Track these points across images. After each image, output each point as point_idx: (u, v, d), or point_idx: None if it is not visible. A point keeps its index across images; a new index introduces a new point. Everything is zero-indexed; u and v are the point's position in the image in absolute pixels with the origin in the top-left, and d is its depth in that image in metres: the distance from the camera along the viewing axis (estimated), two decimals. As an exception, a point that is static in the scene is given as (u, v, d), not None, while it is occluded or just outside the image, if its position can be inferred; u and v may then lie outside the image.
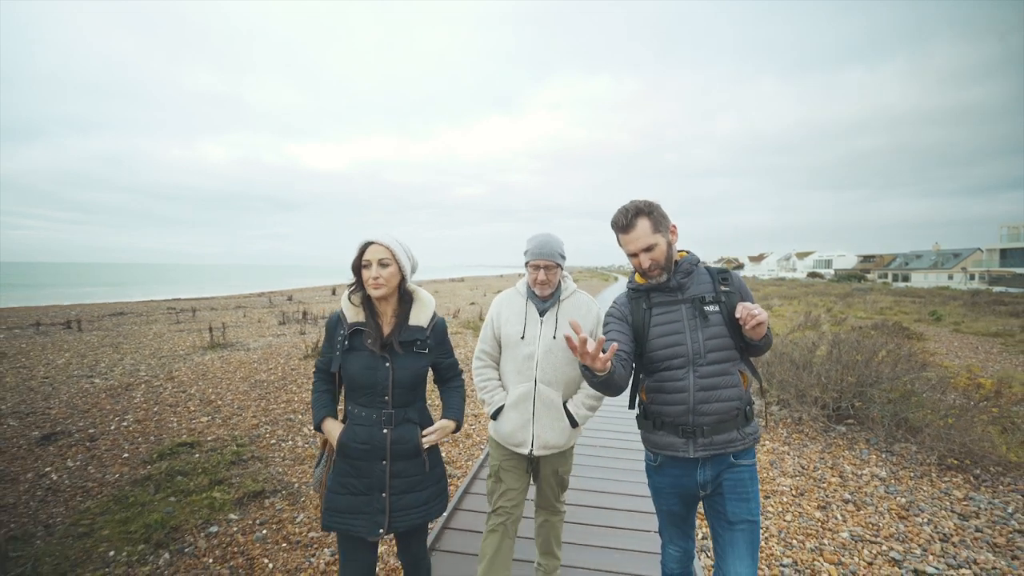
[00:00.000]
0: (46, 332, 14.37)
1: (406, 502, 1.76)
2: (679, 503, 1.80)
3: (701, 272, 1.78)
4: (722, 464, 1.70)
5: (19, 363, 9.48)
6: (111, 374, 8.41)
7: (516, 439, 2.16)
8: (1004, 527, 3.35)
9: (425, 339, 1.80)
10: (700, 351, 1.67)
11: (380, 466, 1.73)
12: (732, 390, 1.67)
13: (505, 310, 2.26)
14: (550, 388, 2.14)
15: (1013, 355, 11.05)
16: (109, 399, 6.47)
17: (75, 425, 5.25)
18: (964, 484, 4.04)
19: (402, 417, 1.77)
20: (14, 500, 3.50)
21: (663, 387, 1.72)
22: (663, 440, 1.74)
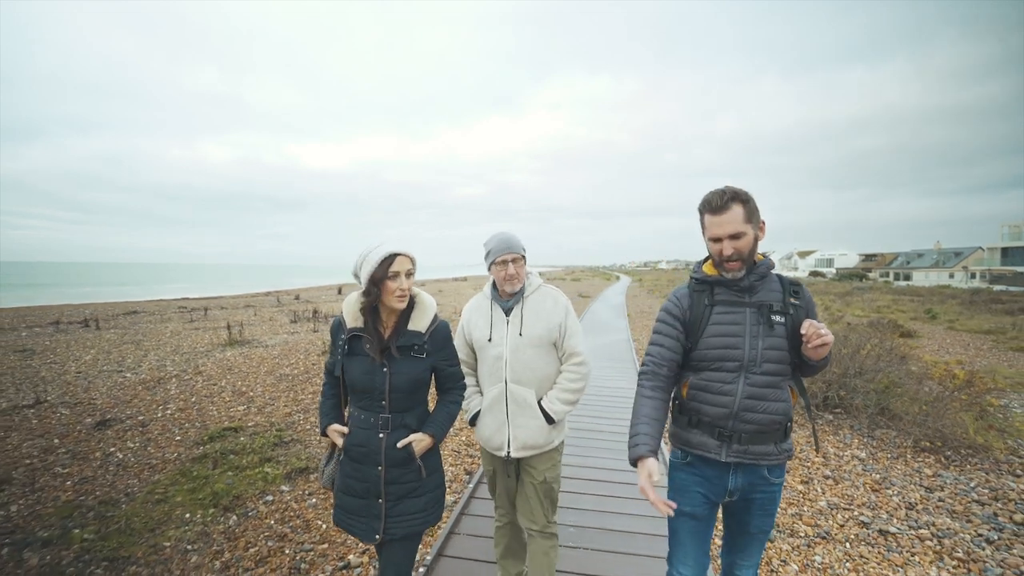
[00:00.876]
0: (65, 330, 14.85)
1: (401, 509, 1.76)
2: (703, 504, 1.73)
3: (773, 279, 1.70)
4: (754, 476, 1.67)
5: (49, 359, 9.95)
6: (140, 369, 8.87)
7: (495, 442, 2.15)
8: (964, 497, 3.79)
9: (423, 344, 1.77)
10: (756, 359, 1.62)
11: (376, 471, 1.73)
12: (779, 404, 1.62)
13: (473, 315, 2.26)
14: (521, 387, 2.11)
15: (1002, 351, 11.46)
16: (146, 391, 6.94)
17: (123, 413, 5.73)
18: (935, 464, 4.48)
19: (399, 422, 1.76)
20: (92, 474, 3.97)
21: (709, 387, 1.66)
22: (696, 439, 1.70)
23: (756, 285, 1.66)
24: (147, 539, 3.01)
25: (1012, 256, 58.46)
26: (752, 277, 1.65)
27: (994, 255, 61.29)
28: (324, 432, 1.84)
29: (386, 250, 1.67)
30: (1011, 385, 7.76)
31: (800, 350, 1.62)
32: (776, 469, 1.67)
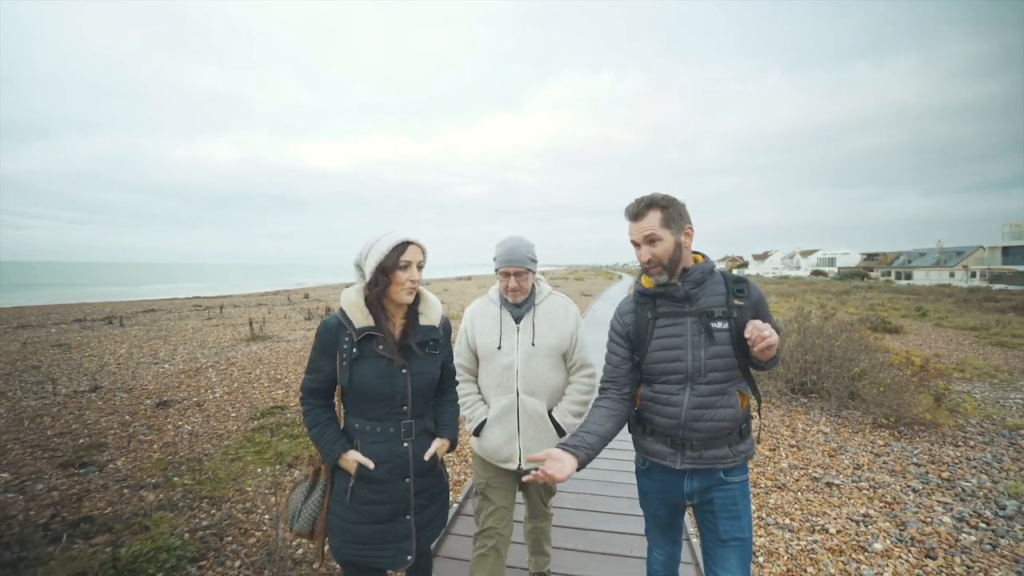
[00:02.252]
0: (91, 327, 15.66)
1: (425, 519, 1.66)
2: (665, 509, 1.77)
3: (716, 281, 1.65)
4: (711, 479, 1.65)
5: (86, 352, 10.72)
6: (175, 361, 9.63)
7: (502, 455, 2.08)
8: (904, 461, 4.50)
9: (438, 339, 1.69)
10: (700, 369, 1.59)
11: (404, 484, 1.59)
12: (727, 411, 1.60)
13: (479, 320, 2.16)
14: (533, 398, 2.05)
15: (982, 346, 12.09)
16: (189, 378, 7.69)
17: (176, 396, 6.47)
18: (889, 437, 5.17)
19: (421, 428, 1.64)
20: (171, 440, 4.72)
21: (657, 398, 1.66)
22: (652, 447, 1.70)
23: (694, 293, 1.62)
24: (232, 485, 3.75)
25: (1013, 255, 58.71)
26: (687, 285, 1.62)
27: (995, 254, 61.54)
28: (336, 463, 1.58)
29: (399, 237, 1.54)
30: (978, 375, 8.43)
31: (746, 351, 1.58)
32: (734, 470, 1.66)
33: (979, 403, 6.53)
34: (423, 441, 1.64)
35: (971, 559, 2.96)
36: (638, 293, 1.73)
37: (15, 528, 2.99)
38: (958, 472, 4.27)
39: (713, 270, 1.66)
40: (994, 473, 4.24)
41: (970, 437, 5.18)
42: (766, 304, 1.64)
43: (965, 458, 4.59)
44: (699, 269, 1.63)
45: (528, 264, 2.04)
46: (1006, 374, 8.51)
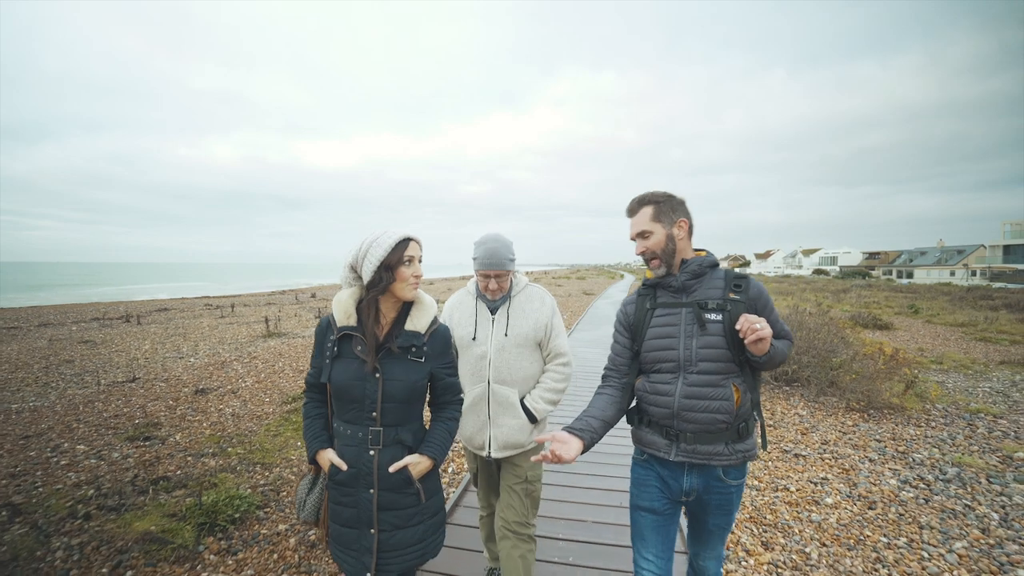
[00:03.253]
0: (109, 325, 16.34)
1: (397, 540, 1.57)
2: (661, 499, 1.71)
3: (717, 276, 1.68)
4: (709, 477, 1.65)
5: (113, 348, 11.35)
6: (198, 355, 10.24)
7: (476, 442, 2.13)
8: (868, 438, 5.06)
9: (421, 346, 1.60)
10: (691, 359, 1.61)
11: (367, 495, 1.55)
12: (720, 403, 1.58)
13: (456, 312, 2.20)
14: (505, 387, 2.09)
15: (967, 341, 12.60)
16: (217, 370, 8.30)
17: (211, 385, 7.08)
18: (858, 419, 5.73)
19: (392, 438, 1.57)
20: (216, 420, 5.32)
21: (653, 388, 1.69)
22: (648, 438, 1.72)
23: (691, 284, 1.66)
24: (278, 454, 4.35)
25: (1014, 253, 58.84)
26: (684, 276, 1.66)
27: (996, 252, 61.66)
28: (313, 459, 1.63)
29: (401, 233, 1.56)
30: (955, 367, 8.97)
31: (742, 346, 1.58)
32: (732, 470, 1.65)
33: (949, 391, 7.08)
34: (393, 452, 1.56)
35: (905, 509, 3.53)
36: (642, 284, 1.80)
37: (109, 483, 3.59)
38: (913, 447, 4.82)
39: (715, 265, 1.70)
40: (945, 448, 4.80)
41: (933, 419, 5.73)
42: (770, 303, 1.64)
43: (924, 436, 5.15)
44: (697, 262, 1.68)
45: (507, 265, 2.08)
46: (982, 366, 9.04)
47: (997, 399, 6.69)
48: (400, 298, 1.61)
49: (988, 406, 6.23)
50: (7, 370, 8.74)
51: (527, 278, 2.25)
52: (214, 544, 2.92)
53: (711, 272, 1.68)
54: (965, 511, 3.51)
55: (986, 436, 5.14)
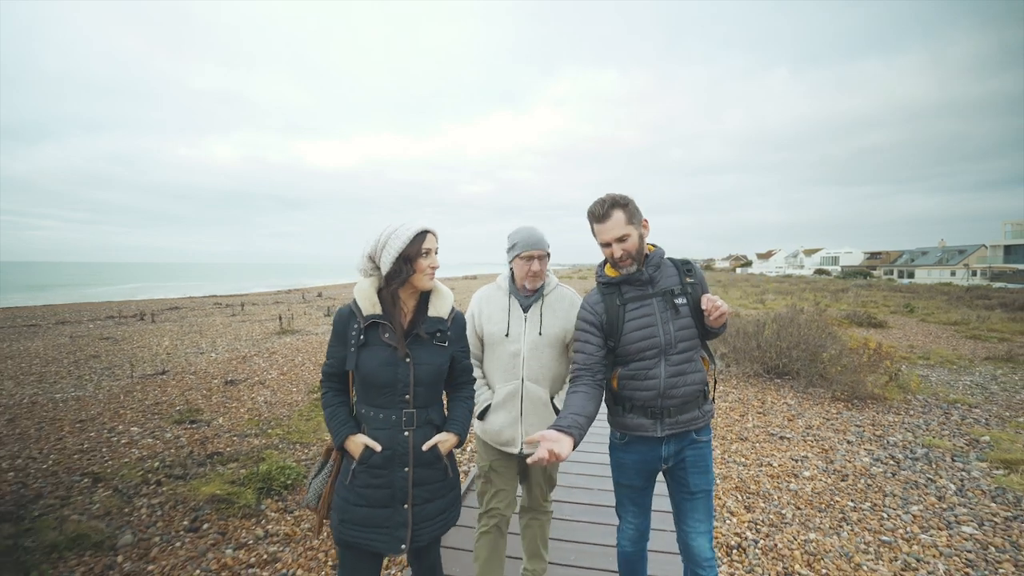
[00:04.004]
0: (125, 323, 16.85)
1: (427, 512, 1.68)
2: (640, 478, 1.91)
3: (667, 265, 1.86)
4: (684, 440, 1.84)
5: (134, 344, 11.83)
6: (218, 350, 10.71)
7: (504, 438, 2.16)
8: (850, 424, 5.51)
9: (446, 331, 1.72)
10: (672, 341, 1.77)
11: (402, 473, 1.63)
12: (697, 374, 1.80)
13: (487, 307, 2.22)
14: (537, 385, 2.13)
15: (957, 338, 13.02)
16: (240, 364, 8.79)
17: (238, 377, 7.56)
18: (843, 408, 6.19)
19: (424, 418, 1.67)
20: (251, 407, 5.80)
21: (636, 375, 1.81)
22: (633, 422, 1.84)
23: (655, 276, 1.83)
24: (314, 435, 4.83)
25: (1015, 253, 58.94)
26: (649, 269, 1.82)
27: (997, 252, 61.76)
28: (342, 446, 1.67)
29: (419, 225, 1.63)
30: (941, 362, 9.41)
31: (702, 321, 1.80)
32: (703, 430, 1.86)
33: (931, 384, 7.52)
34: (425, 432, 1.67)
35: (873, 481, 3.99)
36: (603, 284, 1.90)
37: (170, 457, 4.08)
38: (890, 431, 5.28)
39: (664, 256, 1.89)
40: (919, 432, 5.26)
41: (912, 408, 6.18)
42: (706, 281, 1.91)
43: (901, 423, 5.60)
44: (658, 255, 1.86)
45: (547, 248, 2.14)
46: (967, 362, 9.48)
47: (976, 391, 7.13)
48: (418, 288, 1.69)
49: (965, 397, 6.68)
50: (40, 364, 9.23)
51: (556, 279, 2.27)
52: (273, 504, 3.40)
53: (663, 263, 1.87)
54: (927, 483, 3.97)
55: (959, 423, 5.59)
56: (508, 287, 2.21)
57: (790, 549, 3.02)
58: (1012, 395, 6.91)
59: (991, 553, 2.97)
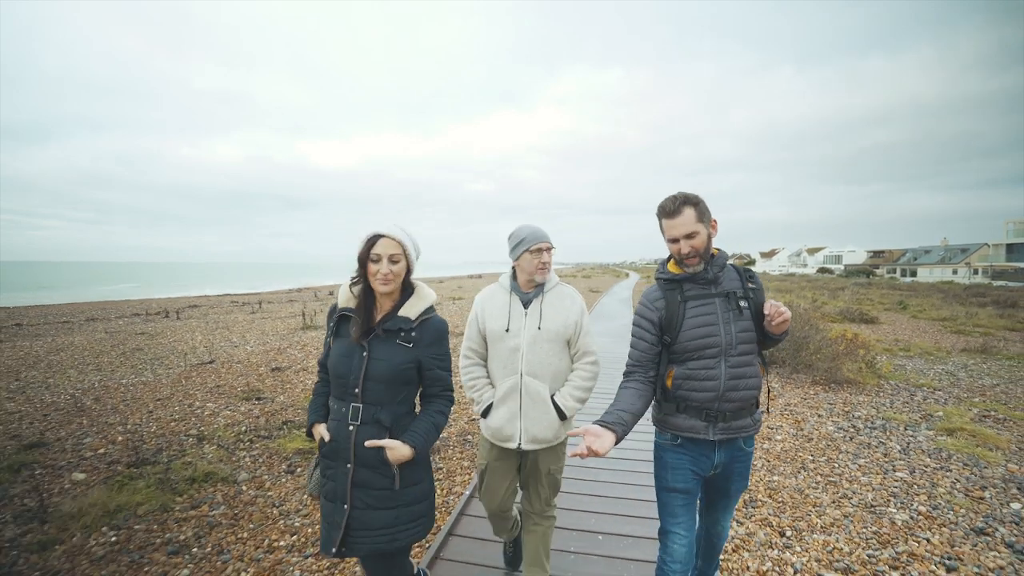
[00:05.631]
0: (152, 320, 17.79)
1: (367, 520, 1.61)
2: (693, 479, 1.86)
3: (730, 270, 1.87)
4: (733, 448, 1.84)
5: (169, 338, 12.72)
6: (249, 344, 11.57)
7: (504, 433, 2.17)
8: (824, 403, 6.33)
9: (409, 330, 1.68)
10: (732, 342, 1.76)
11: (344, 469, 1.63)
12: (755, 379, 1.79)
13: (489, 305, 2.25)
14: (536, 380, 2.14)
15: (943, 333, 13.78)
16: (277, 355, 9.66)
17: (281, 365, 8.43)
18: (820, 390, 7.00)
19: (371, 415, 1.63)
20: (302, 391, 6.67)
21: (695, 375, 1.79)
22: (685, 423, 1.82)
23: (719, 276, 1.82)
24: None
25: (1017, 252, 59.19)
26: (714, 269, 1.82)
27: (999, 251, 62.01)
28: (310, 432, 1.75)
29: (371, 231, 1.64)
30: (920, 353, 10.20)
31: (763, 327, 1.80)
32: (749, 439, 1.85)
33: (906, 371, 8.33)
34: (370, 430, 1.63)
35: (832, 442, 4.82)
36: (665, 280, 1.89)
37: (252, 423, 4.95)
38: (857, 408, 6.10)
39: (728, 261, 1.90)
40: (883, 409, 6.07)
41: (882, 391, 6.99)
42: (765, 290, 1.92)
43: (869, 402, 6.41)
44: (723, 257, 1.87)
45: (551, 241, 2.19)
46: (944, 353, 10.27)
47: (944, 377, 7.94)
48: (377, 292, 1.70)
49: (932, 382, 7.49)
50: (91, 355, 10.14)
51: (557, 277, 2.31)
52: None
53: (726, 266, 1.88)
54: (878, 445, 4.79)
55: (920, 403, 6.40)
56: (510, 285, 2.26)
57: (756, 486, 3.86)
58: (976, 380, 7.71)
59: (913, 489, 3.80)
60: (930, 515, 3.39)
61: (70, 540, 2.90)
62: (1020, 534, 3.15)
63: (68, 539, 2.90)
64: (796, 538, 3.11)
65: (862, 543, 3.05)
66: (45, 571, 2.63)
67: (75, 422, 5.26)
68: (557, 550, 2.75)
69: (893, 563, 2.83)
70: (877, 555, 2.91)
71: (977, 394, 6.84)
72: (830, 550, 2.97)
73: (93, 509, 3.09)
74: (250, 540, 2.98)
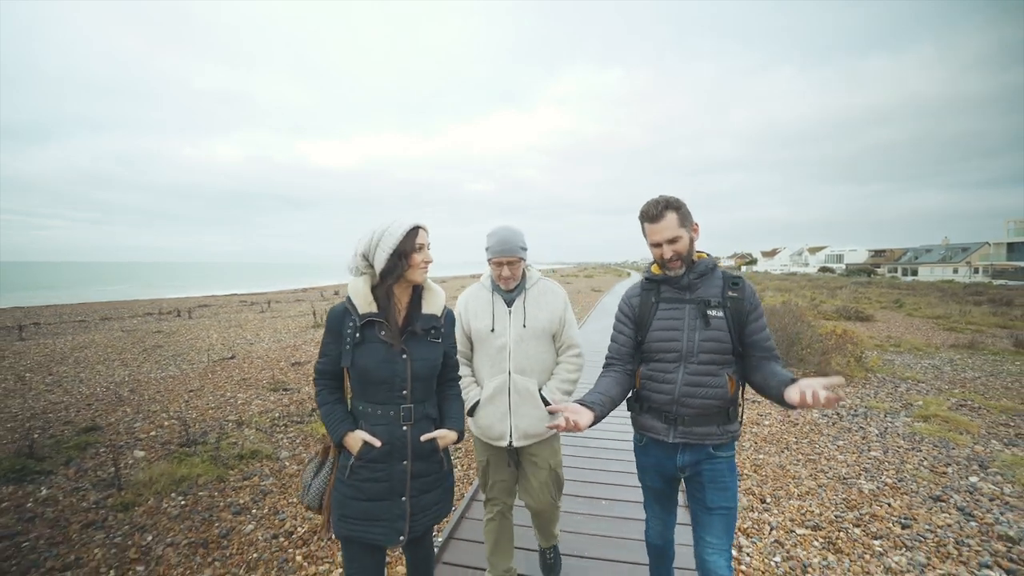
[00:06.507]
0: (164, 319, 18.28)
1: (423, 503, 1.73)
2: (660, 481, 1.94)
3: (716, 276, 1.85)
4: (701, 453, 1.83)
5: (185, 336, 13.18)
6: (264, 341, 12.03)
7: (495, 432, 2.20)
8: (811, 393, 6.75)
9: (440, 327, 1.77)
10: (693, 350, 1.78)
11: (401, 467, 1.67)
12: (716, 390, 1.77)
13: (472, 304, 2.27)
14: (524, 376, 2.17)
15: (935, 330, 14.18)
16: (295, 351, 10.12)
17: (301, 360, 8.89)
18: (810, 382, 7.43)
19: (421, 413, 1.72)
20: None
21: (654, 376, 1.85)
22: (647, 423, 1.89)
23: (696, 283, 1.83)
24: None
25: (1018, 251, 59.31)
26: (691, 276, 1.82)
27: (1000, 250, 62.13)
28: (340, 443, 1.69)
29: (411, 222, 1.67)
30: (909, 349, 10.62)
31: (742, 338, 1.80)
32: (722, 446, 1.83)
33: (895, 365, 8.75)
34: (422, 426, 1.71)
35: (815, 427, 5.26)
36: (645, 279, 1.94)
37: (285, 411, 5.41)
38: (843, 399, 6.52)
39: (715, 267, 1.87)
40: (867, 399, 6.50)
41: (868, 383, 7.42)
42: (759, 305, 1.84)
43: (856, 393, 6.84)
44: (704, 263, 1.85)
45: (519, 253, 2.15)
46: (933, 349, 10.69)
47: (929, 371, 8.36)
48: (412, 282, 1.73)
49: (917, 375, 7.92)
50: (114, 352, 10.62)
51: (539, 273, 2.33)
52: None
53: (711, 272, 1.86)
54: (857, 429, 5.23)
55: (904, 394, 6.83)
56: (491, 285, 2.28)
57: (742, 463, 4.30)
58: (959, 373, 8.14)
59: (883, 466, 4.24)
60: (895, 486, 3.83)
61: (146, 503, 3.36)
62: (972, 501, 3.59)
63: (144, 502, 3.37)
64: (775, 503, 3.56)
65: (832, 507, 3.49)
66: (132, 525, 3.10)
67: (119, 410, 5.73)
68: (566, 512, 2.99)
69: (856, 522, 3.28)
70: (843, 516, 3.36)
71: (958, 386, 7.26)
72: (803, 512, 3.42)
73: (162, 478, 3.55)
74: (299, 504, 3.44)
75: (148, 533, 3.03)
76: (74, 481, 3.72)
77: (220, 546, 2.93)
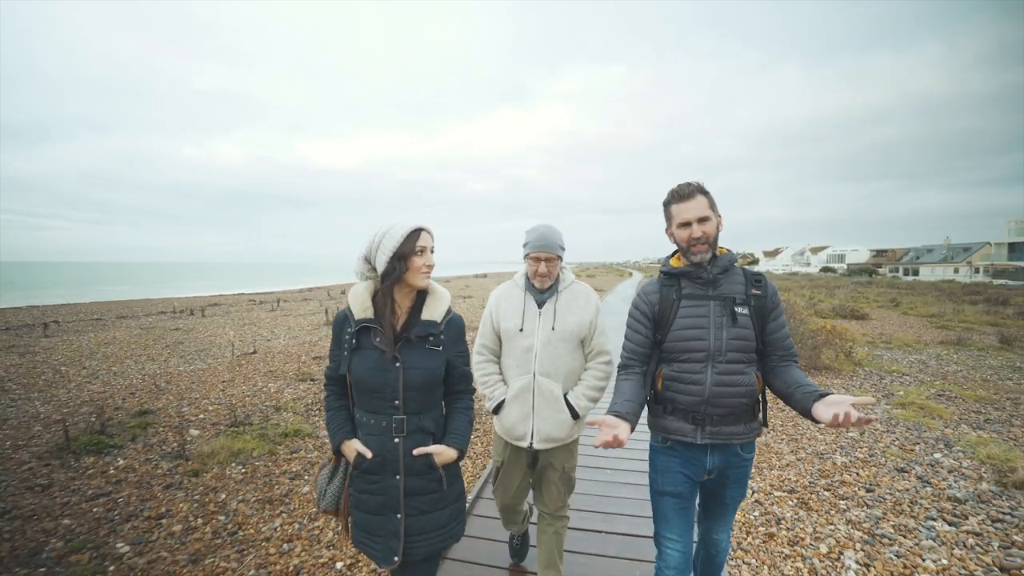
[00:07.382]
0: (179, 317, 18.82)
1: (423, 525, 1.63)
2: (685, 483, 1.83)
3: (737, 272, 1.81)
4: (728, 454, 1.79)
5: (203, 334, 13.70)
6: (280, 338, 12.55)
7: (517, 432, 2.18)
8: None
9: (439, 334, 1.68)
10: (721, 349, 1.71)
11: (393, 481, 1.61)
12: (745, 388, 1.72)
13: (503, 303, 2.26)
14: (549, 380, 2.15)
15: (927, 328, 14.62)
16: (312, 347, 10.64)
17: (320, 354, 9.41)
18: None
19: (415, 425, 1.63)
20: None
21: (680, 377, 1.76)
22: (673, 425, 1.80)
23: (719, 278, 1.78)
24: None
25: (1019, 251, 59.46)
26: (715, 270, 1.76)
27: (1001, 250, 62.29)
28: (337, 449, 1.68)
29: (412, 224, 1.61)
30: (899, 345, 11.10)
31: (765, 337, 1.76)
32: (748, 446, 1.82)
33: (884, 360, 9.23)
34: (416, 439, 1.63)
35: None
36: (664, 274, 1.85)
37: (314, 397, 5.93)
38: (830, 390, 7.01)
39: (735, 263, 1.82)
40: (852, 390, 6.99)
41: (856, 375, 7.91)
42: (779, 298, 1.80)
43: (842, 384, 7.33)
44: (726, 258, 1.80)
45: (558, 251, 2.14)
46: (922, 345, 11.16)
47: (915, 365, 8.84)
48: (413, 287, 1.67)
49: (902, 368, 8.40)
50: (139, 348, 11.15)
51: (573, 275, 2.30)
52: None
53: (732, 268, 1.81)
54: (839, 415, 5.71)
55: (888, 385, 7.32)
56: (524, 284, 2.27)
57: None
58: (942, 367, 8.62)
59: (858, 444, 4.74)
60: (866, 460, 4.34)
61: (212, 471, 3.89)
62: (932, 472, 4.09)
63: (210, 470, 3.90)
64: (757, 473, 4.07)
65: (807, 476, 4.00)
66: (206, 487, 3.63)
67: (163, 398, 6.25)
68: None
69: (827, 487, 3.79)
70: (816, 482, 3.87)
71: (939, 378, 7.75)
72: (782, 480, 3.92)
73: (222, 451, 4.08)
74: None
75: (220, 493, 3.56)
76: (143, 454, 4.25)
77: (284, 503, 3.46)
